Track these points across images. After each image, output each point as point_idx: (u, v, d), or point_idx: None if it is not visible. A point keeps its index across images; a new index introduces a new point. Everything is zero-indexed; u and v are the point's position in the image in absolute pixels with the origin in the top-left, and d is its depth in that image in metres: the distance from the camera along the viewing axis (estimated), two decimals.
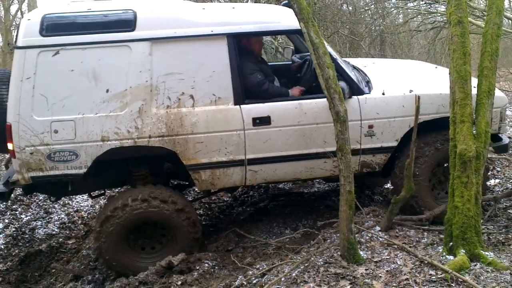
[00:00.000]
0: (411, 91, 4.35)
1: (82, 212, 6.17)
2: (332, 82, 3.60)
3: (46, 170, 4.06)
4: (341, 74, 4.21)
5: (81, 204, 6.34)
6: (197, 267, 4.08)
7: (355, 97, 4.29)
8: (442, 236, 3.77)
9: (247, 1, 10.67)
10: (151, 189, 4.24)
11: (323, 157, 4.31)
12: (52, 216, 6.06)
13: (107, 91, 4.03)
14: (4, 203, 5.94)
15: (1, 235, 5.61)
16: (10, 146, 4.02)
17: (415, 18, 12.43)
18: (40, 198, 6.33)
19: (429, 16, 11.38)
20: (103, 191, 5.09)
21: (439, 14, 10.73)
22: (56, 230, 5.76)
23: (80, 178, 4.13)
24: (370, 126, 4.31)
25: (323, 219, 4.67)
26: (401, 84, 4.52)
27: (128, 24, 4.05)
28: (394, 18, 12.96)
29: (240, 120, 4.19)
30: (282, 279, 3.49)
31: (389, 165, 4.52)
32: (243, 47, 4.54)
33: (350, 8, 11.71)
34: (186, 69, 4.13)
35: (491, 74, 3.71)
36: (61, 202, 6.20)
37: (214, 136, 4.17)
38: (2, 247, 5.37)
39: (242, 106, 4.20)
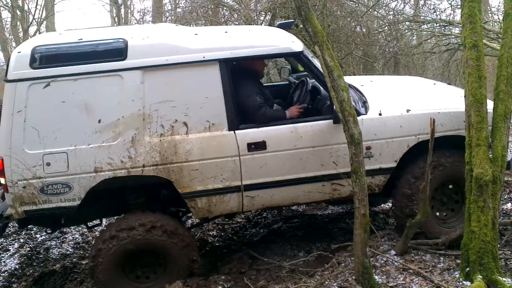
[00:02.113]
0: (408, 110, 4.30)
1: (96, 232, 6.17)
2: (346, 104, 3.62)
3: (40, 203, 4.00)
4: None
5: None
6: None
7: None
8: (458, 261, 3.71)
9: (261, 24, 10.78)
10: (138, 216, 4.11)
11: (321, 181, 4.27)
12: (66, 236, 6.08)
13: (99, 121, 3.98)
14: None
15: (16, 255, 5.65)
16: (2, 180, 3.96)
17: (429, 40, 12.43)
18: None
19: (443, 38, 11.36)
20: (99, 221, 5.01)
21: (453, 36, 10.70)
22: (70, 250, 5.77)
23: (74, 210, 4.06)
24: (368, 148, 4.21)
25: (337, 242, 4.64)
26: (399, 103, 4.45)
27: (119, 53, 4.00)
28: (408, 40, 12.96)
29: (235, 146, 4.13)
30: None
31: (389, 185, 4.43)
32: (246, 69, 4.52)
33: (364, 30, 11.74)
34: (179, 96, 4.07)
35: (507, 97, 3.71)
36: None
37: (209, 163, 4.11)
38: (17, 267, 5.39)
39: (236, 131, 4.14)
